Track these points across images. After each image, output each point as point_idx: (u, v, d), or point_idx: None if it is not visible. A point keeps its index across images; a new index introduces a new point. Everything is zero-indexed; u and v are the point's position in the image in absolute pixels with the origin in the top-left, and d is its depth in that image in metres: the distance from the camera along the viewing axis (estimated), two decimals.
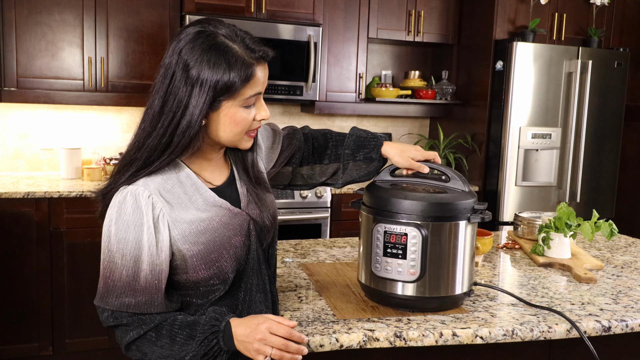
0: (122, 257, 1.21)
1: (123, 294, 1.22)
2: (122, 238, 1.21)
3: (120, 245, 1.21)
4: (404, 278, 1.40)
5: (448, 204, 1.40)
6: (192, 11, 3.43)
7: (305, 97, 3.74)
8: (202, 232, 1.26)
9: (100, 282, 1.24)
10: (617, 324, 1.44)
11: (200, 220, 1.27)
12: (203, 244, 1.26)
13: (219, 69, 1.20)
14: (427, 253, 1.39)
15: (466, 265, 1.45)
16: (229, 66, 1.20)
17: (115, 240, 1.21)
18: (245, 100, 1.25)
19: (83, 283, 3.16)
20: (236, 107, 1.24)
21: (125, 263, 1.21)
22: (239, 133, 1.28)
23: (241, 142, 1.31)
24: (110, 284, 1.22)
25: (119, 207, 1.21)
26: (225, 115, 1.25)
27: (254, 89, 1.25)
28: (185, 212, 1.26)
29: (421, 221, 1.38)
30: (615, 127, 4.07)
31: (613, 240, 2.35)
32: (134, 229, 1.21)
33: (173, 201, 1.25)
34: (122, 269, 1.21)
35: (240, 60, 1.21)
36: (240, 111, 1.25)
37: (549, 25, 3.97)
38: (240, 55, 1.22)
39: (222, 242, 1.28)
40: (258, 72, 1.24)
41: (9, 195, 2.99)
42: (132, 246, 1.21)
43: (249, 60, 1.23)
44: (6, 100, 3.27)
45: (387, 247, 1.40)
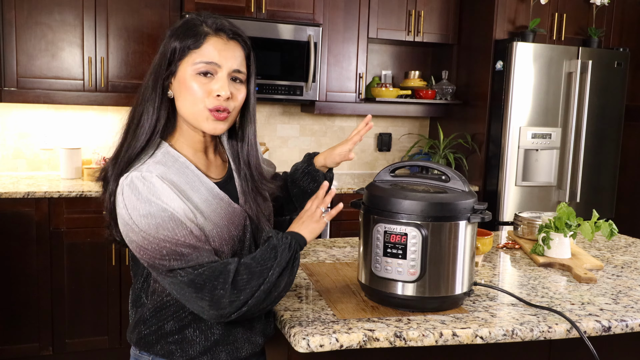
0: (157, 228, 1.20)
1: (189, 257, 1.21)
2: (149, 213, 1.21)
3: (151, 220, 1.20)
4: (404, 278, 1.40)
5: (448, 204, 1.40)
6: (192, 11, 3.43)
7: (305, 97, 3.74)
8: (205, 218, 1.29)
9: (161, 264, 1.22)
10: (617, 324, 1.44)
11: (205, 207, 1.30)
12: (206, 229, 1.28)
13: (177, 37, 1.30)
14: (427, 253, 1.39)
15: (466, 265, 1.45)
16: (184, 33, 1.30)
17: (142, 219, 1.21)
18: (195, 66, 1.28)
19: (83, 283, 3.17)
20: (190, 73, 1.29)
21: (168, 232, 1.21)
22: (193, 104, 1.29)
23: (203, 121, 1.31)
24: (172, 256, 1.21)
25: (129, 189, 1.23)
26: (179, 82, 1.30)
27: (203, 57, 1.28)
28: (190, 198, 1.28)
29: (421, 221, 1.38)
30: (615, 127, 4.07)
31: (613, 240, 2.35)
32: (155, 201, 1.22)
33: (178, 187, 1.27)
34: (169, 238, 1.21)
35: (194, 28, 1.30)
36: (193, 77, 1.29)
37: (549, 25, 3.97)
38: (197, 24, 1.31)
39: (222, 232, 1.31)
40: (211, 41, 1.29)
41: (9, 195, 3.00)
42: (163, 214, 1.21)
43: (204, 29, 1.30)
44: (6, 100, 3.27)
45: (387, 247, 1.40)
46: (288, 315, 1.40)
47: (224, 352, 1.36)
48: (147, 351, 1.37)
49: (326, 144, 4.30)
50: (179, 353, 1.34)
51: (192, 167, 1.33)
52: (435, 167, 1.52)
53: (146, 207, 1.21)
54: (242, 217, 1.37)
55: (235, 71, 1.32)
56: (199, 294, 1.20)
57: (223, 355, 1.35)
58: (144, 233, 1.21)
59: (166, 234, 1.20)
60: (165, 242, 1.20)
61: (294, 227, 1.35)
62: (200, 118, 1.31)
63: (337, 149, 1.67)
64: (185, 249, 1.20)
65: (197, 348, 1.34)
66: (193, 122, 1.32)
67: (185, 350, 1.33)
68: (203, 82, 1.29)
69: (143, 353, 1.38)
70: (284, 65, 3.67)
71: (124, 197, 1.23)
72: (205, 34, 1.29)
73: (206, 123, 1.31)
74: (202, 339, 1.34)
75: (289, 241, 1.28)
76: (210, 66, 1.29)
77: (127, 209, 1.22)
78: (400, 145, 4.50)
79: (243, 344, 1.37)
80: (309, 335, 1.27)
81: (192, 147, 1.36)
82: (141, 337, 1.36)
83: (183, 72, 1.29)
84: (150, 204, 1.21)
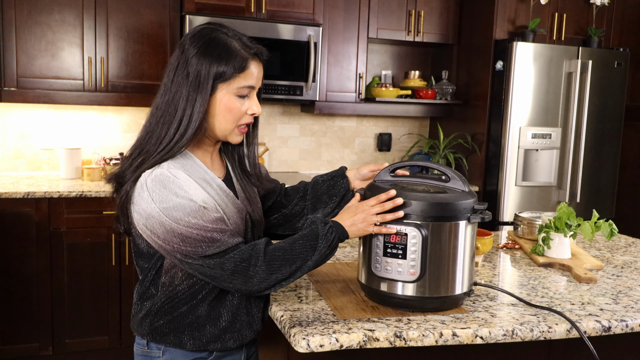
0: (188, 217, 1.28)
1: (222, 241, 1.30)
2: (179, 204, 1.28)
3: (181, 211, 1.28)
4: (404, 278, 1.40)
5: (448, 204, 1.40)
6: (192, 11, 3.43)
7: (305, 97, 3.74)
8: (222, 209, 1.37)
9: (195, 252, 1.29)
10: (617, 324, 1.44)
11: (220, 200, 1.38)
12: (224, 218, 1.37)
13: (217, 59, 1.34)
14: (427, 253, 1.39)
15: (466, 265, 1.45)
16: (227, 57, 1.34)
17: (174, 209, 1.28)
18: (239, 90, 1.37)
19: (83, 283, 3.17)
20: (230, 94, 1.37)
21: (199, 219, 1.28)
22: (232, 122, 1.39)
23: (232, 135, 1.42)
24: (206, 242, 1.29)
25: (156, 184, 1.29)
26: (220, 102, 1.36)
27: (247, 81, 1.37)
28: (207, 192, 1.36)
29: (421, 221, 1.38)
30: (615, 127, 4.07)
31: (613, 240, 2.35)
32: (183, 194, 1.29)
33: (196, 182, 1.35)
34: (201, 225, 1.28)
35: (236, 52, 1.36)
36: (234, 99, 1.37)
37: (549, 25, 3.97)
38: (236, 48, 1.36)
39: (233, 223, 1.39)
40: (252, 66, 1.38)
41: (9, 195, 3.00)
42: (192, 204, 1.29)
43: (245, 53, 1.37)
44: (6, 100, 3.27)
45: (387, 247, 1.40)
46: (288, 315, 1.40)
47: (232, 339, 1.43)
48: (158, 342, 1.41)
49: (326, 144, 4.30)
50: (191, 342, 1.40)
51: (203, 166, 1.41)
52: (435, 167, 1.52)
53: (175, 199, 1.28)
54: (243, 212, 1.45)
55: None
56: (231, 276, 1.30)
57: (231, 342, 1.43)
58: (174, 224, 1.28)
59: (196, 222, 1.28)
60: (196, 229, 1.28)
61: (343, 219, 1.40)
62: (230, 133, 1.41)
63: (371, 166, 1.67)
64: (215, 234, 1.29)
65: (208, 336, 1.40)
66: (222, 136, 1.42)
67: (198, 339, 1.40)
68: (241, 103, 1.39)
69: (153, 345, 1.43)
70: (284, 65, 3.67)
71: (149, 191, 1.29)
72: (247, 59, 1.37)
73: (233, 137, 1.42)
74: (212, 327, 1.40)
75: (332, 237, 1.35)
76: (250, 89, 1.39)
77: (154, 202, 1.29)
78: (400, 145, 4.50)
79: (246, 330, 1.45)
80: (309, 335, 1.27)
81: (200, 149, 1.44)
82: (153, 328, 1.41)
83: (223, 93, 1.36)
84: (178, 196, 1.29)
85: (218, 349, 1.43)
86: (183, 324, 1.40)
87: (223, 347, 1.42)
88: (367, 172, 1.64)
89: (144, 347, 1.44)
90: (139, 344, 1.46)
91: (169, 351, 1.42)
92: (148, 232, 1.31)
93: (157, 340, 1.41)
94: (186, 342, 1.40)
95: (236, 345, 1.44)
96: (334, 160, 4.34)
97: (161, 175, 1.30)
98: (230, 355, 1.47)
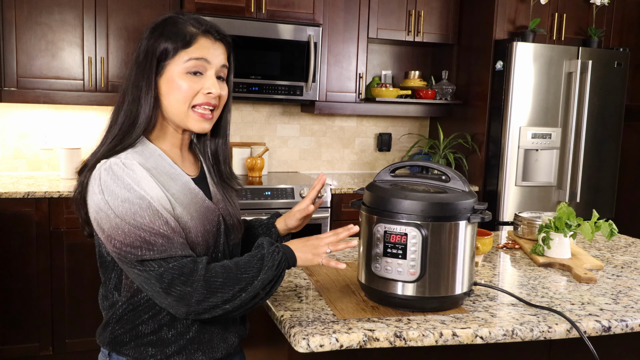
0: (134, 215, 1.19)
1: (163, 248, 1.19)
2: (127, 199, 1.19)
3: (129, 207, 1.19)
4: (404, 278, 1.40)
5: (448, 204, 1.40)
6: (192, 11, 3.43)
7: (305, 97, 3.74)
8: (183, 208, 1.29)
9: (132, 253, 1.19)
10: (617, 324, 1.44)
11: (183, 197, 1.30)
12: (183, 219, 1.28)
13: (162, 37, 1.29)
14: (427, 253, 1.39)
15: (466, 265, 1.45)
16: (172, 34, 1.29)
17: (120, 205, 1.19)
18: (186, 65, 1.29)
19: (83, 283, 3.16)
20: (179, 72, 1.29)
21: (144, 220, 1.19)
22: (182, 102, 1.30)
23: (189, 119, 1.32)
24: (144, 245, 1.19)
25: (107, 175, 1.21)
26: (168, 81, 1.29)
27: (192, 54, 1.29)
28: (168, 188, 1.28)
29: (421, 221, 1.38)
30: (615, 127, 4.07)
31: (613, 240, 2.35)
32: (134, 187, 1.20)
33: (156, 177, 1.27)
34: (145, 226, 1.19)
35: (182, 29, 1.30)
36: (182, 77, 1.29)
37: (549, 25, 3.97)
38: (184, 25, 1.31)
39: (197, 224, 1.30)
40: (201, 41, 1.30)
41: (9, 195, 3.00)
42: (141, 201, 1.20)
43: (192, 30, 1.30)
44: (6, 100, 3.27)
45: (387, 247, 1.40)
46: (288, 315, 1.40)
47: (200, 352, 1.32)
48: (119, 353, 1.31)
49: (326, 144, 4.30)
50: (153, 353, 1.29)
51: (168, 160, 1.32)
52: (435, 167, 1.52)
53: (125, 193, 1.19)
54: (216, 214, 1.36)
55: (222, 67, 1.34)
56: (167, 289, 1.18)
57: (199, 355, 1.32)
58: (119, 219, 1.19)
59: (142, 221, 1.19)
60: (140, 229, 1.18)
61: (294, 246, 1.34)
62: (186, 117, 1.32)
63: (296, 207, 1.59)
64: (159, 239, 1.19)
65: (172, 347, 1.30)
66: (178, 120, 1.32)
67: (161, 350, 1.29)
68: (193, 81, 1.30)
69: (114, 355, 1.32)
70: (284, 65, 3.67)
71: (100, 182, 1.21)
72: (195, 34, 1.30)
73: (192, 122, 1.32)
74: (177, 338, 1.30)
75: (279, 258, 1.27)
76: (200, 63, 1.30)
77: (103, 194, 1.20)
78: (400, 145, 4.50)
79: (218, 343, 1.35)
80: (309, 335, 1.27)
81: (169, 143, 1.36)
82: (114, 337, 1.31)
83: (171, 71, 1.29)
84: (129, 190, 1.20)
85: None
86: (144, 333, 1.29)
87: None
88: (296, 213, 1.58)
89: (106, 355, 1.34)
90: (102, 353, 1.35)
91: None
92: (96, 225, 1.22)
93: (118, 351, 1.31)
94: (148, 353, 1.29)
95: (206, 359, 1.33)
96: (334, 160, 4.34)
97: (115, 165, 1.22)
98: None
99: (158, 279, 1.18)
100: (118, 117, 1.30)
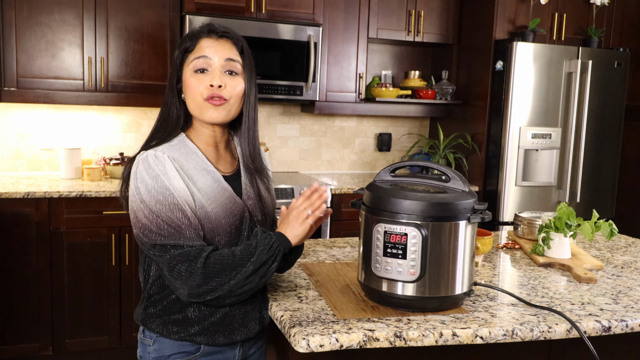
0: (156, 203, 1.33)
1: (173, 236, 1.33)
2: (153, 188, 1.34)
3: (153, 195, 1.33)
4: (404, 278, 1.40)
5: (448, 204, 1.40)
6: (192, 11, 3.43)
7: (305, 97, 3.74)
8: (208, 198, 1.40)
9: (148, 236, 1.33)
10: (617, 324, 1.44)
11: (209, 191, 1.41)
12: (207, 208, 1.39)
13: (179, 47, 1.48)
14: (427, 253, 1.39)
15: (466, 265, 1.45)
16: (183, 41, 1.47)
17: (146, 192, 1.34)
18: (193, 64, 1.43)
19: (83, 283, 3.16)
20: (189, 72, 1.44)
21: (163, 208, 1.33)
22: (197, 98, 1.43)
23: (205, 111, 1.44)
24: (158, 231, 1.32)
25: (142, 164, 1.36)
26: (184, 83, 1.45)
27: (195, 54, 1.44)
28: (195, 182, 1.40)
29: (421, 221, 1.38)
30: (615, 127, 4.07)
31: (613, 240, 2.35)
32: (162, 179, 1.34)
33: (186, 170, 1.40)
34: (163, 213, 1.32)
35: (191, 35, 1.47)
36: (192, 75, 1.43)
37: (549, 25, 3.97)
38: (194, 31, 1.47)
39: (220, 215, 1.41)
40: (203, 41, 1.45)
41: (9, 195, 2.99)
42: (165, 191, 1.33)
43: (197, 34, 1.46)
44: (6, 100, 3.27)
45: (387, 247, 1.40)
46: (288, 315, 1.40)
47: (220, 334, 1.43)
48: (149, 329, 1.44)
49: (326, 144, 4.30)
50: (176, 330, 1.41)
51: (201, 156, 1.45)
52: (435, 167, 1.52)
53: (152, 182, 1.34)
54: (242, 209, 1.46)
55: (227, 60, 1.44)
56: (171, 272, 1.32)
57: (220, 337, 1.43)
58: (143, 205, 1.34)
59: (161, 208, 1.33)
60: (157, 216, 1.32)
61: (281, 228, 1.42)
62: (201, 110, 1.44)
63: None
64: (172, 229, 1.32)
65: (195, 327, 1.42)
66: (198, 115, 1.45)
67: (185, 329, 1.41)
68: (200, 78, 1.43)
69: (146, 332, 1.46)
70: (284, 65, 3.67)
71: (137, 170, 1.37)
72: (198, 36, 1.45)
73: (206, 113, 1.44)
74: (201, 319, 1.42)
75: (271, 243, 1.36)
76: (203, 60, 1.42)
77: (136, 181, 1.35)
78: (400, 145, 4.50)
79: (239, 327, 1.46)
80: (309, 335, 1.27)
81: (203, 141, 1.49)
82: (146, 314, 1.45)
83: (185, 74, 1.45)
84: (156, 180, 1.34)
85: (206, 343, 1.43)
86: (172, 311, 1.42)
87: (211, 341, 1.43)
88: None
89: (141, 334, 1.48)
90: (140, 330, 1.50)
91: (158, 341, 1.44)
92: (130, 210, 1.37)
93: (148, 328, 1.45)
94: (171, 332, 1.41)
95: (226, 342, 1.45)
96: (334, 161, 4.34)
97: (150, 157, 1.37)
98: (221, 352, 1.47)
99: (165, 263, 1.32)
100: (158, 117, 1.49)
